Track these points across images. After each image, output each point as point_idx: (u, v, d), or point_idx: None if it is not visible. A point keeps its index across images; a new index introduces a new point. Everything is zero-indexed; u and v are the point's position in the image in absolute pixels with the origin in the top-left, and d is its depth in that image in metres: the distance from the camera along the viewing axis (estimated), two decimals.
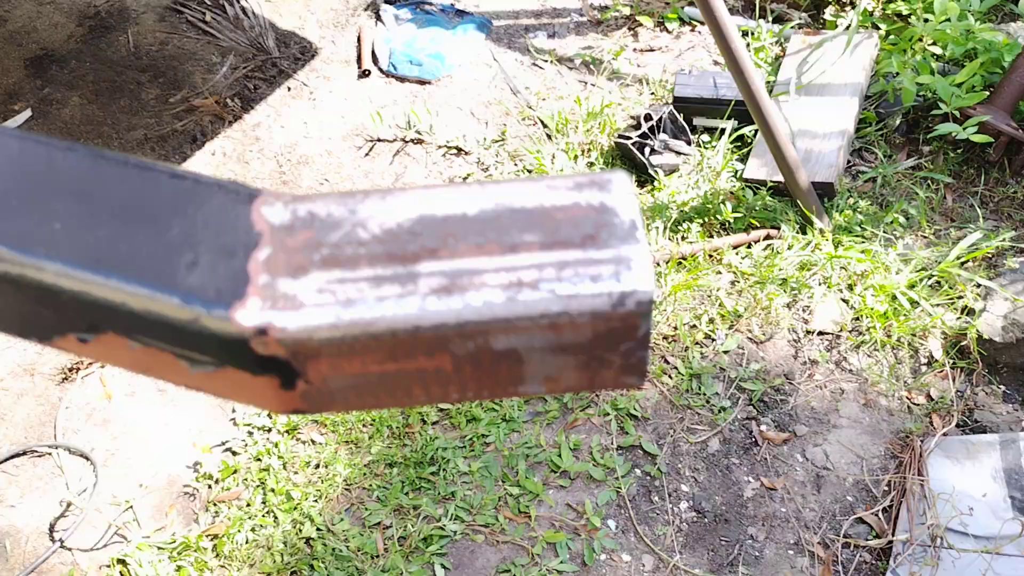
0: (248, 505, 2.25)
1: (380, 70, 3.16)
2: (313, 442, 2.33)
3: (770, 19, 3.00)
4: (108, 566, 2.18)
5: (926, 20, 2.67)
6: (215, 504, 2.26)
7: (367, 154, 2.95)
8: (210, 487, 2.29)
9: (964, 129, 2.44)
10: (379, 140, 2.98)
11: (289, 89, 3.15)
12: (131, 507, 2.27)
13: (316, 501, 2.23)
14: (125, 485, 2.32)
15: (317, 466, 2.29)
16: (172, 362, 0.38)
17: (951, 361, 2.30)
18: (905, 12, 2.79)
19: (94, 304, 0.36)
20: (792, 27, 2.92)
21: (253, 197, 0.39)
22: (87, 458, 2.36)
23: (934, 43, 2.63)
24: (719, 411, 2.29)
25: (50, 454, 2.38)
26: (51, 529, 2.26)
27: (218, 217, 0.38)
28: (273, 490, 2.25)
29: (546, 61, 3.11)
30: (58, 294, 0.37)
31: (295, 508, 2.22)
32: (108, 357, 0.40)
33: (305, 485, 2.26)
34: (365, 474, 2.27)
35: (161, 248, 0.37)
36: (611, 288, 0.36)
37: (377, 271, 0.36)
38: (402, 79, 3.13)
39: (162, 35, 3.35)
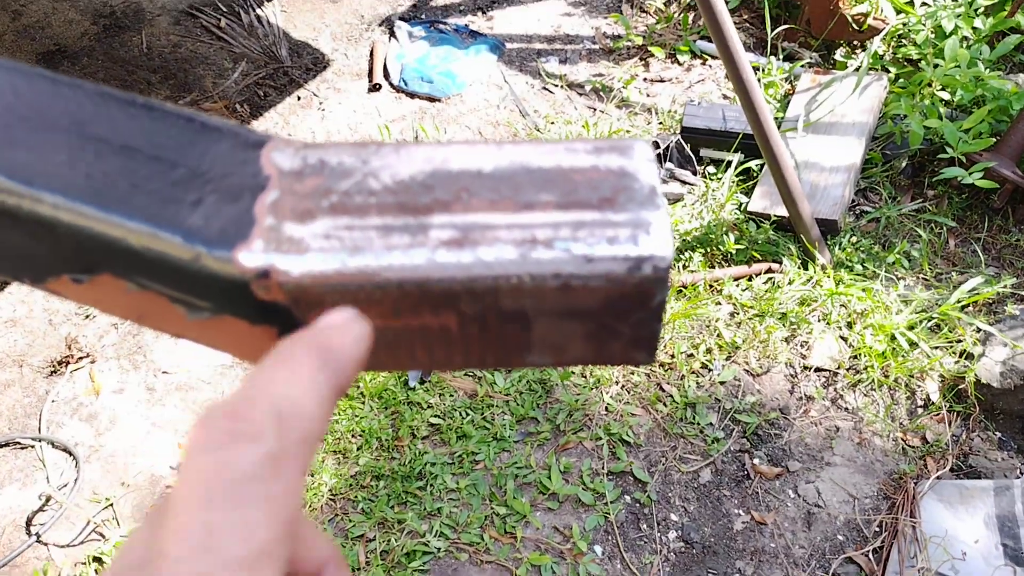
0: None
1: (391, 85, 3.17)
2: None
3: (781, 57, 3.03)
4: (84, 563, 2.14)
5: (935, 65, 2.69)
6: None
7: None
8: None
9: (970, 174, 2.45)
10: None
11: (299, 98, 3.16)
12: (111, 505, 2.23)
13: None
14: (107, 482, 2.28)
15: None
16: (168, 308, 0.37)
17: (948, 404, 2.29)
18: (915, 56, 2.81)
19: (92, 240, 0.35)
20: (802, 65, 2.94)
21: (262, 142, 0.37)
22: (70, 453, 2.33)
23: (943, 88, 2.65)
24: (712, 442, 2.26)
25: (33, 446, 2.35)
26: (28, 523, 2.21)
27: (225, 159, 0.37)
28: None
29: (556, 85, 3.13)
30: (55, 228, 0.35)
31: None
32: (103, 301, 0.38)
33: None
34: (351, 485, 2.23)
35: (165, 186, 0.35)
36: (628, 251, 0.34)
37: (387, 220, 0.35)
38: (412, 95, 3.14)
39: (176, 38, 3.36)
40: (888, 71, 2.84)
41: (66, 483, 2.27)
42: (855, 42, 3.01)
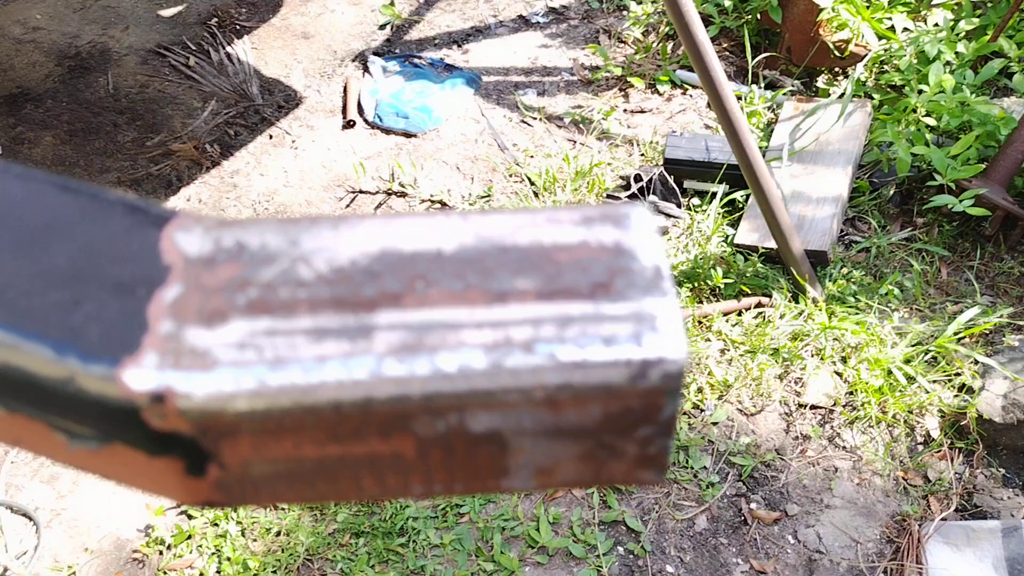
0: (201, 575, 2.09)
1: (365, 121, 3.10)
2: (275, 507, 2.18)
3: (762, 85, 2.98)
4: None
5: (920, 91, 2.64)
6: (165, 573, 2.10)
7: (348, 205, 2.86)
8: (161, 553, 2.13)
9: (960, 202, 2.39)
10: (361, 192, 2.89)
11: (271, 137, 3.08)
12: (74, 573, 2.11)
13: (275, 572, 2.07)
14: (69, 548, 2.16)
15: (278, 533, 2.14)
16: (47, 434, 0.29)
17: (949, 441, 2.21)
18: (899, 83, 2.77)
19: None
20: (784, 94, 2.89)
21: (165, 219, 0.30)
22: (30, 518, 2.20)
23: (928, 114, 2.60)
24: (707, 486, 2.17)
25: None
26: None
27: (117, 243, 0.29)
28: (229, 559, 2.09)
29: (535, 118, 3.06)
30: None
31: None
32: None
33: (264, 554, 2.10)
34: (329, 544, 2.12)
35: (35, 280, 0.28)
36: (629, 354, 0.28)
37: (320, 322, 0.28)
38: (387, 131, 3.06)
39: (143, 78, 3.28)
40: (872, 98, 2.79)
41: (26, 551, 2.14)
42: (836, 69, 2.96)
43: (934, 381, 2.26)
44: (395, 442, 0.29)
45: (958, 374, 2.26)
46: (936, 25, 2.81)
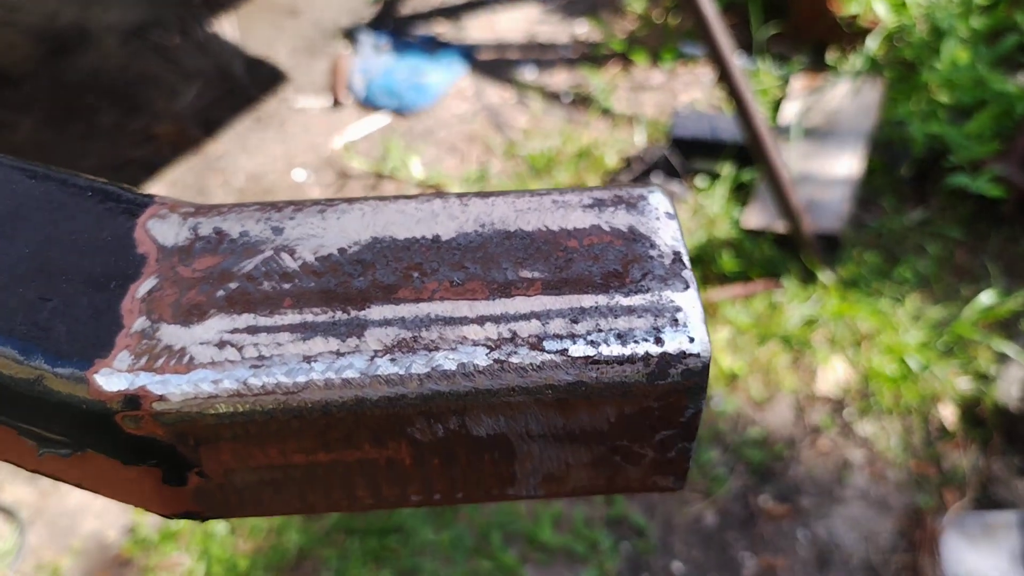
0: (189, 575, 2.02)
1: (355, 100, 3.00)
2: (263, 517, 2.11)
3: (770, 61, 2.88)
4: None
5: (933, 68, 2.55)
6: (151, 573, 2.03)
7: (338, 190, 2.77)
8: (147, 553, 2.06)
9: (976, 182, 2.30)
10: (351, 174, 2.80)
11: (259, 120, 2.98)
12: (56, 573, 2.03)
13: (265, 572, 2.00)
14: (52, 548, 2.08)
15: (268, 532, 2.07)
16: (16, 440, 0.28)
17: (964, 430, 2.13)
18: (910, 59, 2.67)
19: None
20: (793, 70, 2.79)
21: (140, 206, 0.29)
22: (13, 517, 2.12)
23: (942, 91, 2.51)
24: (715, 480, 2.09)
25: None
26: None
27: (88, 233, 0.28)
28: (217, 559, 2.02)
29: (532, 96, 2.96)
30: None
31: None
32: None
33: (253, 554, 2.03)
34: (321, 542, 2.05)
35: (1, 275, 0.27)
36: (648, 350, 0.27)
37: (306, 317, 0.27)
38: (378, 110, 2.96)
39: (125, 59, 3.17)
40: (883, 74, 2.70)
41: (8, 550, 2.06)
42: (846, 44, 2.87)
43: (949, 368, 2.19)
44: (390, 448, 0.28)
45: (972, 360, 2.19)
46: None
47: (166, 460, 0.27)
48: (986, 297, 2.23)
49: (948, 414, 2.17)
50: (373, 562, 2.02)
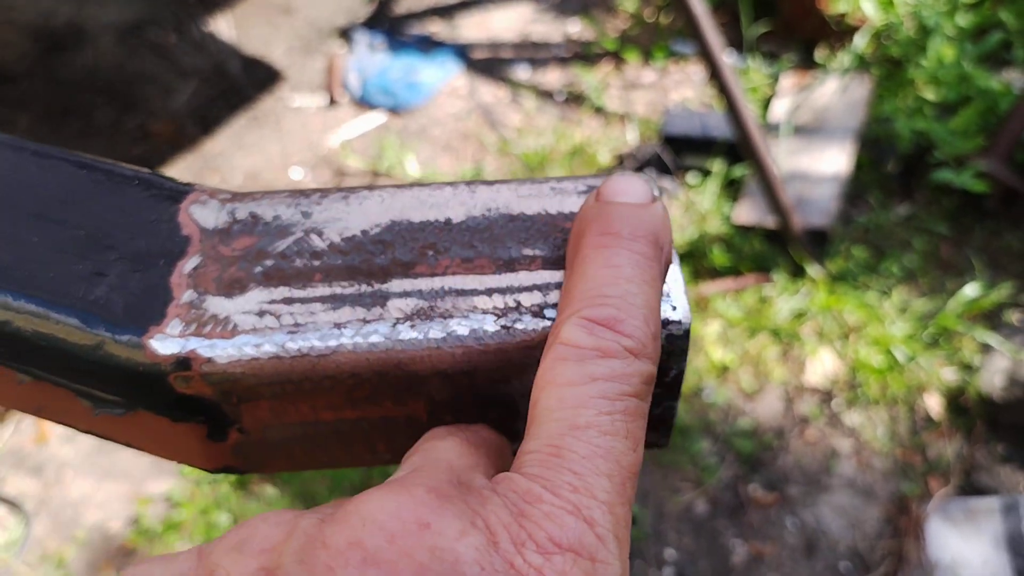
0: None
1: (351, 99, 3.02)
2: (266, 496, 2.14)
3: (759, 59, 2.92)
4: None
5: (919, 65, 2.59)
6: None
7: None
8: (151, 543, 2.09)
9: (961, 177, 2.35)
10: (347, 172, 2.83)
11: (255, 118, 3.00)
12: (61, 564, 2.06)
13: None
14: (57, 539, 2.11)
15: None
16: (72, 401, 0.30)
17: (949, 419, 2.18)
18: (897, 56, 2.71)
19: None
20: (782, 68, 2.84)
21: (181, 193, 0.31)
22: (18, 508, 2.15)
23: (928, 87, 2.55)
24: (706, 469, 2.14)
25: None
26: None
27: (135, 217, 0.30)
28: None
29: (526, 95, 3.00)
30: None
31: None
32: None
33: None
34: None
35: (59, 254, 0.29)
36: None
37: (335, 289, 0.30)
38: (373, 108, 2.99)
39: (121, 56, 3.19)
40: (870, 71, 2.74)
41: (14, 541, 2.09)
42: (834, 42, 2.91)
43: (934, 359, 2.24)
44: (409, 406, 0.30)
45: (957, 351, 2.24)
46: None
47: (210, 417, 0.29)
48: (970, 289, 2.28)
49: (933, 404, 2.21)
50: None
